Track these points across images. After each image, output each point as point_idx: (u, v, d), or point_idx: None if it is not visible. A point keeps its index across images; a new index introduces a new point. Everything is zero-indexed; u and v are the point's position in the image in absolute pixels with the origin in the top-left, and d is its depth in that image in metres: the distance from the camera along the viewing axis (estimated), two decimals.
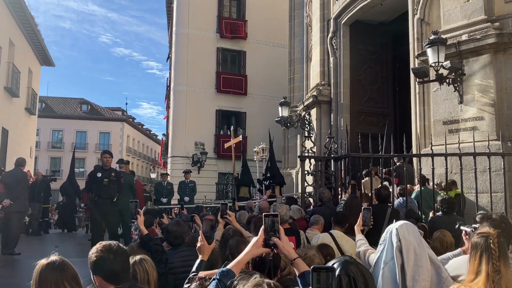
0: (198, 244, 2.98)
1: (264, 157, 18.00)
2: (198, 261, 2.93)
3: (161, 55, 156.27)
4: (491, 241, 2.29)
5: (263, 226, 2.17)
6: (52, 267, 2.15)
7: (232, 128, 16.48)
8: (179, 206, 10.37)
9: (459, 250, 3.61)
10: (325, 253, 3.82)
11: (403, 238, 2.71)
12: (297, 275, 2.20)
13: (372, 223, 4.16)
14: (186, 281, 2.82)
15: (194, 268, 2.87)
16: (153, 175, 45.11)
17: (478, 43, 7.89)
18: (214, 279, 2.09)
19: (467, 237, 3.49)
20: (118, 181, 8.30)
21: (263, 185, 13.29)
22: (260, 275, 1.91)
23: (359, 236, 3.89)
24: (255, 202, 11.11)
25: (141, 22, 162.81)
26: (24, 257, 8.58)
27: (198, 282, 2.53)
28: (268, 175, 13.07)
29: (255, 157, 19.49)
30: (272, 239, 2.16)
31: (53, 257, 2.21)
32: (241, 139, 15.46)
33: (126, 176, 9.66)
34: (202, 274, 2.60)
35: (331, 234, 4.85)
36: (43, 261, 2.18)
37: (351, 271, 2.25)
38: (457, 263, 3.06)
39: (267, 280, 1.79)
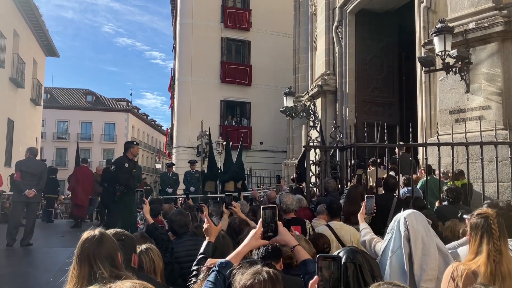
0: (205, 226, 2.99)
1: (219, 151, 17.64)
2: (205, 242, 2.94)
3: (164, 45, 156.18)
4: (491, 221, 2.31)
5: (261, 219, 2.20)
6: (91, 242, 2.10)
7: (202, 120, 16.12)
8: (185, 196, 10.39)
9: (464, 238, 3.60)
10: (322, 242, 3.84)
11: (411, 227, 2.70)
12: (298, 263, 2.21)
13: (375, 211, 4.14)
14: (195, 262, 2.83)
15: (202, 250, 2.89)
16: (158, 166, 45.25)
17: (486, 31, 7.79)
18: (213, 271, 2.11)
19: None
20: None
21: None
22: (261, 264, 1.90)
23: (363, 225, 3.86)
24: (259, 192, 11.13)
25: (144, 12, 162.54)
26: (32, 247, 8.65)
27: (207, 272, 2.54)
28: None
29: (218, 150, 19.32)
30: (272, 240, 2.21)
31: (95, 231, 2.15)
32: (207, 133, 15.31)
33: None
34: (209, 263, 2.61)
35: (329, 226, 4.84)
36: (85, 234, 2.13)
37: (357, 259, 2.25)
38: (465, 251, 3.05)
39: (266, 268, 1.78)
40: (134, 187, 7.99)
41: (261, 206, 2.27)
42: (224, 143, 19.23)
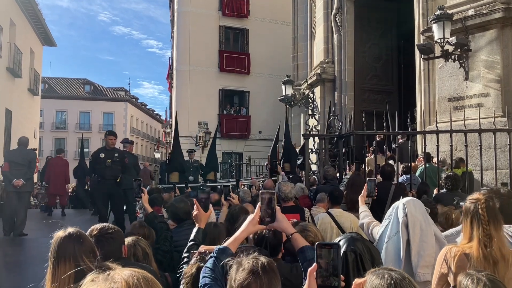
0: (194, 212, 3.00)
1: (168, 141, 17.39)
2: (195, 229, 2.95)
3: (160, 33, 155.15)
4: (479, 206, 2.33)
5: (259, 204, 2.18)
6: (70, 239, 2.10)
7: (167, 107, 15.88)
8: (184, 185, 10.38)
9: (461, 226, 3.60)
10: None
11: (410, 213, 2.71)
12: (296, 250, 2.20)
13: (376, 193, 4.14)
14: (186, 249, 2.84)
15: (192, 236, 2.90)
16: (157, 155, 45.28)
17: (485, 18, 7.74)
18: (211, 257, 2.10)
19: None
20: (122, 162, 8.23)
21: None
22: (258, 253, 1.86)
23: (363, 207, 3.88)
24: (259, 181, 11.13)
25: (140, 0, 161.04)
26: (30, 235, 8.67)
27: (198, 256, 2.54)
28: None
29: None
30: (269, 226, 2.19)
31: (71, 229, 2.16)
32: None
33: (130, 156, 9.66)
34: (202, 248, 2.61)
35: (329, 214, 4.85)
36: (61, 233, 2.13)
37: (357, 248, 2.25)
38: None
39: (261, 261, 1.72)
40: (114, 177, 7.92)
41: (260, 191, 2.26)
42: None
